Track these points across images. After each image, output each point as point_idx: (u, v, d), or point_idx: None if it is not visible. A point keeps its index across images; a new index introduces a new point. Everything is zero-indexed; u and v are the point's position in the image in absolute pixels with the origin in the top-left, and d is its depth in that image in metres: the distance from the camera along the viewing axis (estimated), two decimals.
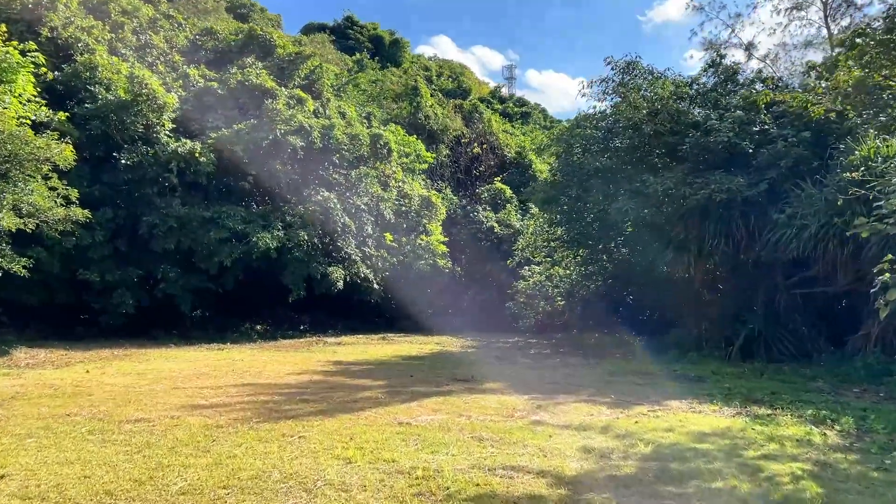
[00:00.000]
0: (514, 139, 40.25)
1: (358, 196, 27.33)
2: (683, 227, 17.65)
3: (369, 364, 16.91)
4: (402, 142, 31.51)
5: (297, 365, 16.31)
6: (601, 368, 16.24)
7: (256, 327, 28.94)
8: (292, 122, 24.51)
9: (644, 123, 18.00)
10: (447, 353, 20.05)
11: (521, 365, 16.88)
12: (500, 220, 32.76)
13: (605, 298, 26.81)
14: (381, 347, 22.05)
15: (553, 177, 21.19)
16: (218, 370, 14.89)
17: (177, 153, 22.28)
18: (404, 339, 26.17)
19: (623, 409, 10.58)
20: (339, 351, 20.67)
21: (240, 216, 23.78)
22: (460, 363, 17.11)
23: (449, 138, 37.25)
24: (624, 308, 27.62)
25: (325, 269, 25.80)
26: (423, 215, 31.14)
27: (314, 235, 25.08)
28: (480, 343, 24.32)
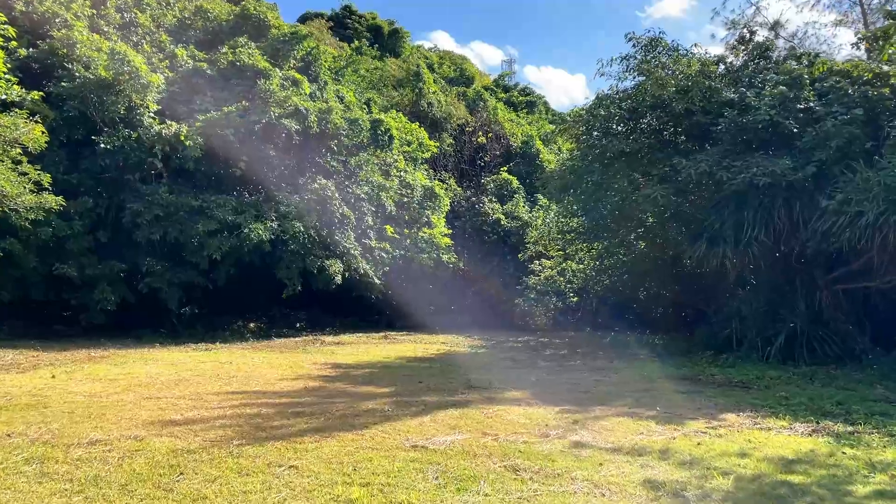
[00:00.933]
0: (520, 128, 38.56)
1: (357, 185, 25.64)
2: (718, 215, 15.97)
3: (372, 367, 15.24)
4: (404, 129, 29.79)
5: (291, 368, 14.64)
6: (631, 372, 14.58)
7: (250, 325, 27.31)
8: (287, 105, 22.79)
9: (674, 101, 16.31)
10: (456, 355, 18.39)
11: (540, 369, 15.22)
12: (508, 213, 31.08)
13: (620, 294, 25.18)
14: (384, 348, 20.38)
15: (571, 161, 19.47)
16: (202, 375, 13.20)
17: (161, 136, 20.57)
18: (407, 338, 24.50)
19: (675, 425, 8.92)
20: (337, 352, 18.99)
21: (230, 206, 22.07)
22: (472, 366, 15.45)
23: (452, 127, 35.55)
24: (641, 305, 26.00)
25: (323, 262, 24.10)
26: (425, 207, 29.44)
27: (311, 227, 23.38)
28: (489, 342, 22.66)
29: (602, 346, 20.86)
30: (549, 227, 23.42)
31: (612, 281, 24.54)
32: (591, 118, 17.43)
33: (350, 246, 25.20)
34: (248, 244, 21.71)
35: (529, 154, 37.17)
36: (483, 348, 20.43)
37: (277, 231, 22.49)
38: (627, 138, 17.02)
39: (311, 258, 23.83)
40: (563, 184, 18.91)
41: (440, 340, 23.36)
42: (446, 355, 18.24)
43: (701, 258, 16.65)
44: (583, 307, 24.82)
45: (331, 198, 23.83)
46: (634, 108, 17.20)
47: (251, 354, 17.77)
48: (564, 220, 22.00)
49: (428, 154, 31.09)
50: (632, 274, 23.68)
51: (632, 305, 26.29)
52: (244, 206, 22.56)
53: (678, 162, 15.77)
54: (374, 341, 22.92)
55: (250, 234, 21.51)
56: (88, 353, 17.01)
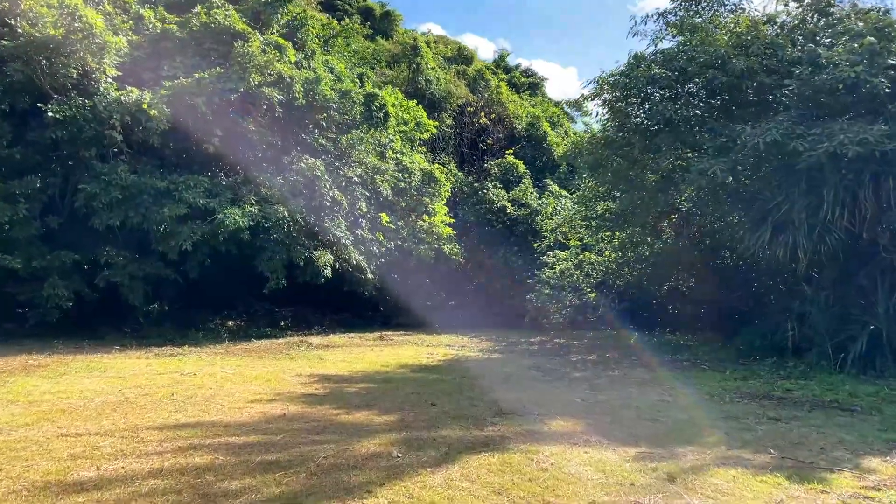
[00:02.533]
0: (525, 109, 35.72)
1: (349, 167, 22.73)
2: (787, 195, 13.20)
3: (369, 380, 12.37)
4: (400, 106, 26.87)
5: (268, 382, 11.76)
6: (689, 387, 11.79)
7: (228, 323, 24.40)
8: (268, 72, 19.82)
9: (734, 58, 13.49)
10: (467, 362, 15.56)
11: (577, 382, 12.40)
12: (514, 199, 28.23)
13: (644, 290, 22.42)
14: (380, 352, 17.51)
15: (603, 133, 16.57)
16: (151, 394, 10.29)
17: (120, 104, 17.57)
18: (406, 338, 21.64)
19: (815, 483, 6.16)
20: (326, 357, 16.12)
21: (203, 187, 19.11)
22: (492, 379, 12.62)
23: (452, 107, 32.65)
24: (668, 302, 23.27)
25: (310, 253, 21.22)
26: (424, 193, 26.57)
27: (296, 213, 20.47)
28: (501, 345, 19.84)
29: (632, 350, 18.09)
30: (571, 213, 20.53)
31: (636, 275, 21.76)
32: (630, 81, 14.55)
33: (341, 235, 22.32)
34: (223, 232, 18.82)
35: (535, 137, 34.30)
36: (496, 352, 17.61)
37: (258, 217, 19.58)
38: (674, 104, 14.19)
39: (297, 248, 20.96)
40: (595, 160, 16.03)
41: (444, 342, 20.53)
42: (455, 362, 15.41)
43: (761, 248, 13.88)
44: (603, 304, 22.06)
45: (319, 180, 20.91)
46: (682, 68, 14.35)
47: (223, 361, 14.87)
48: (590, 204, 19.16)
49: (427, 135, 28.19)
50: (659, 266, 20.92)
51: (656, 302, 23.55)
52: (219, 189, 19.63)
53: (740, 130, 12.98)
54: (369, 343, 20.05)
55: (225, 220, 18.62)
56: (26, 360, 14.08)
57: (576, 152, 17.10)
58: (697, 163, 13.14)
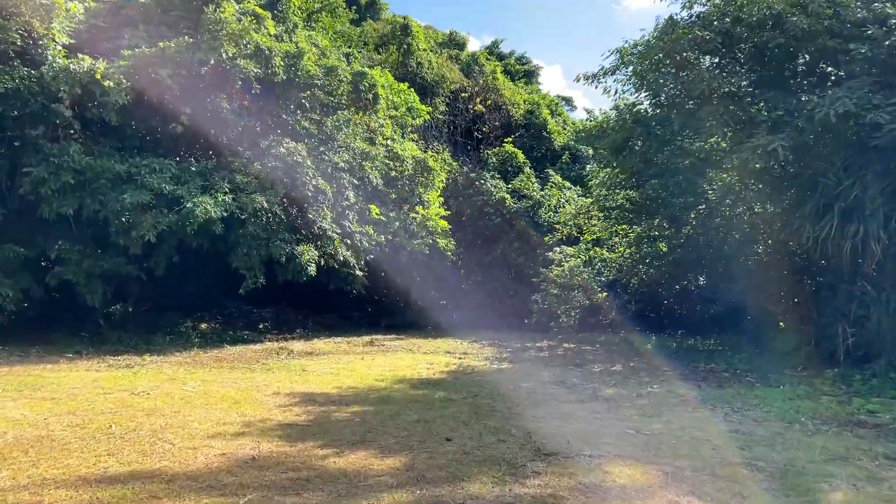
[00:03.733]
0: (522, 97, 33.58)
1: (335, 152, 20.45)
2: (857, 177, 11.14)
3: (361, 401, 10.13)
4: (391, 88, 24.63)
5: (236, 405, 9.51)
6: (758, 410, 9.67)
7: (201, 326, 22.09)
8: (244, 42, 17.49)
9: (792, 16, 11.39)
10: (475, 374, 13.36)
11: (615, 403, 10.24)
12: (514, 191, 26.07)
13: (663, 289, 20.39)
14: (372, 361, 15.29)
15: (632, 109, 14.30)
16: (84, 426, 8.02)
17: (69, 74, 15.19)
18: (399, 343, 19.42)
19: None
20: (309, 368, 13.87)
21: (169, 172, 16.79)
22: (512, 398, 10.45)
23: (446, 93, 30.46)
24: (689, 302, 21.28)
25: (292, 248, 18.94)
26: (417, 183, 24.35)
27: (276, 203, 18.19)
28: (506, 351, 17.69)
29: (656, 358, 16.02)
30: (589, 203, 18.33)
31: (652, 273, 19.69)
32: (668, 47, 12.37)
33: (326, 228, 20.05)
34: (192, 223, 16.49)
35: (534, 125, 32.13)
36: (504, 361, 15.43)
37: (232, 207, 17.28)
38: (721, 73, 12.07)
39: (277, 243, 18.67)
40: (619, 140, 13.82)
41: (442, 348, 18.32)
42: (461, 375, 13.21)
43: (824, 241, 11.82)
44: (616, 305, 19.97)
45: (302, 166, 18.63)
46: (727, 30, 12.22)
47: (187, 374, 12.58)
48: (608, 193, 17.01)
49: (419, 121, 25.96)
50: (679, 264, 18.85)
51: (674, 304, 21.56)
52: (188, 174, 17.30)
53: (807, 101, 10.89)
54: (358, 349, 17.81)
55: (195, 209, 16.31)
56: None
57: (596, 133, 14.92)
58: (753, 139, 11.02)
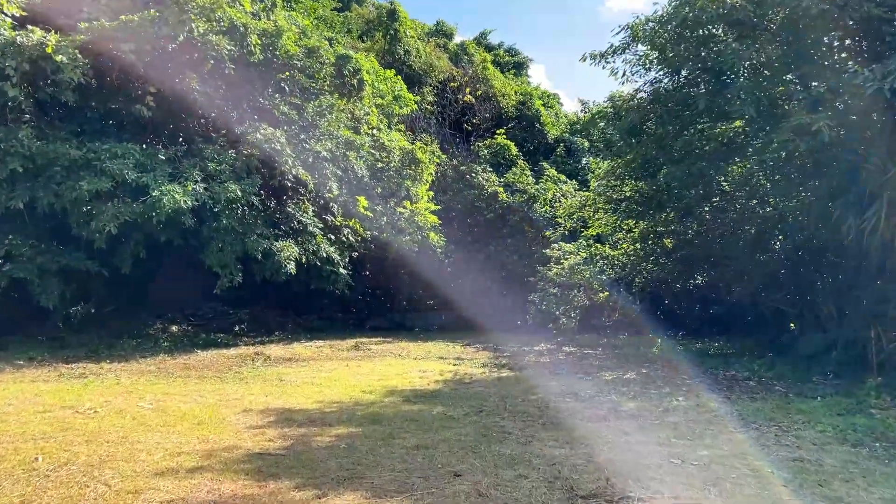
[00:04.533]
0: (513, 88, 32.16)
1: (317, 140, 18.89)
2: None
3: (347, 421, 8.64)
4: (377, 75, 23.12)
5: (199, 427, 8.00)
6: (810, 429, 8.30)
7: (172, 329, 20.45)
8: (217, 16, 15.89)
9: None
10: (473, 383, 11.90)
11: (644, 421, 8.81)
12: (507, 184, 24.66)
13: (668, 288, 19.08)
14: (358, 368, 13.78)
15: (652, 87, 12.83)
16: (4, 458, 6.48)
17: (16, 47, 13.55)
18: (386, 347, 17.92)
19: None
20: (288, 377, 12.35)
21: (133, 158, 15.18)
22: (522, 416, 9.01)
23: (434, 82, 28.99)
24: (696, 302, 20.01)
25: (270, 244, 17.43)
26: (405, 176, 22.86)
27: (252, 193, 16.65)
28: (503, 355, 16.27)
29: (668, 363, 14.68)
30: (596, 194, 16.88)
31: (655, 270, 18.36)
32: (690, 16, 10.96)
33: (308, 222, 18.58)
34: (158, 214, 14.95)
35: (527, 117, 30.76)
36: (504, 367, 13.98)
37: (203, 197, 15.75)
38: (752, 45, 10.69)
39: (254, 238, 17.16)
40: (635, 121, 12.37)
41: (433, 352, 16.87)
42: (459, 385, 11.75)
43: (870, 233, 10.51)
44: (620, 305, 18.62)
45: (280, 154, 17.09)
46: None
47: (146, 387, 11.02)
48: (616, 183, 15.60)
49: (407, 110, 24.48)
50: (686, 260, 17.55)
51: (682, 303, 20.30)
52: (154, 161, 15.71)
53: (853, 75, 9.55)
54: (342, 354, 16.30)
55: (161, 198, 14.76)
56: None
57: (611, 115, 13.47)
58: (792, 118, 9.67)
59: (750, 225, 16.13)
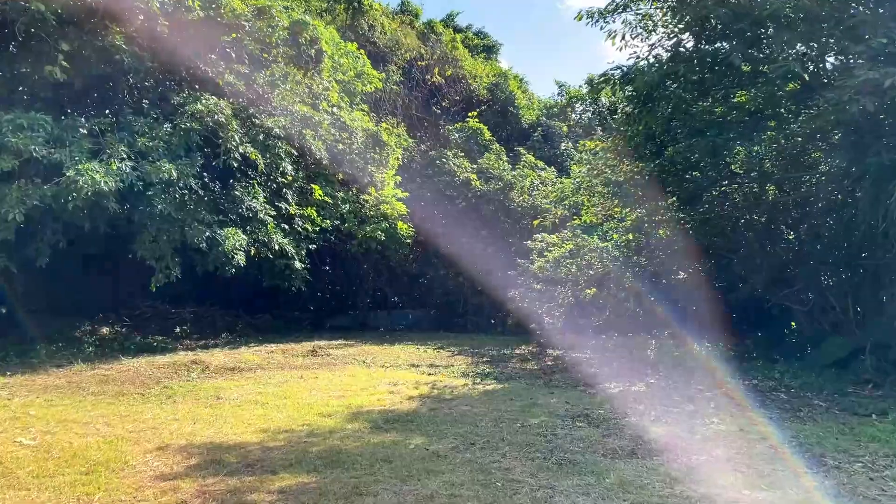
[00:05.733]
0: (484, 70, 30.09)
1: (269, 115, 16.53)
2: None
3: (297, 464, 6.39)
4: (338, 49, 20.82)
5: (84, 479, 5.72)
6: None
7: (102, 331, 17.89)
8: None
9: None
10: (456, 402, 9.73)
11: (682, 454, 6.77)
12: (482, 171, 22.57)
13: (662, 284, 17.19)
14: (314, 380, 11.50)
15: (674, 44, 10.72)
16: None
17: None
18: (350, 352, 15.66)
19: None
20: (226, 394, 10.05)
21: (43, 131, 12.68)
22: (527, 451, 6.91)
23: (401, 61, 26.75)
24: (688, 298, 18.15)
25: (214, 233, 15.08)
26: (369, 160, 20.61)
27: (191, 175, 14.25)
28: (482, 361, 14.21)
29: (676, 371, 12.77)
30: (593, 176, 14.78)
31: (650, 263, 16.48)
32: None
33: (258, 208, 16.23)
34: (76, 198, 12.50)
35: (500, 101, 28.70)
36: (488, 378, 11.86)
37: (131, 178, 13.33)
38: None
39: (195, 226, 14.81)
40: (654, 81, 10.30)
41: (402, 358, 14.68)
42: (440, 402, 9.59)
43: None
44: (613, 302, 16.68)
45: (225, 129, 14.72)
46: None
47: (41, 410, 8.65)
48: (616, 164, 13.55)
49: (371, 87, 22.20)
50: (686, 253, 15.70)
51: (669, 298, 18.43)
52: (71, 134, 13.22)
53: None
54: (297, 361, 14.00)
55: (79, 179, 12.33)
56: None
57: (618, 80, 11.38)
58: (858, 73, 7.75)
59: (760, 212, 14.36)
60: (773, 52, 8.83)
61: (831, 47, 8.81)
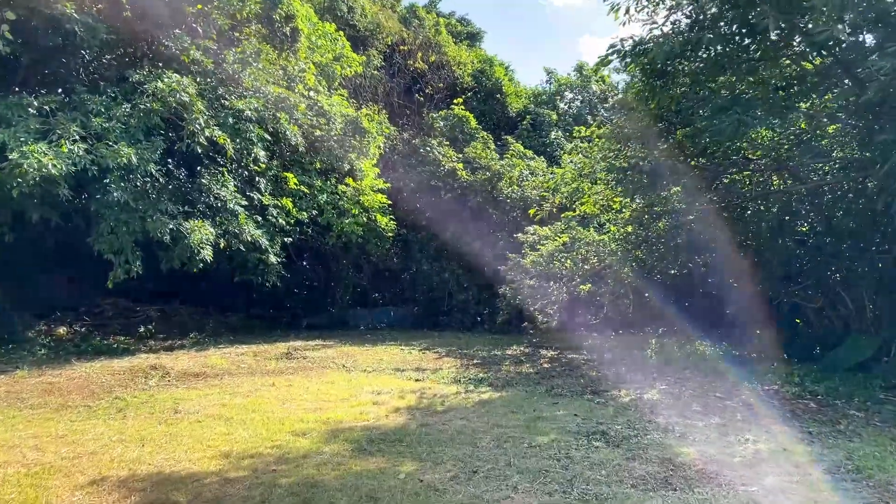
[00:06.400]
0: (469, 56, 28.85)
1: (241, 97, 15.19)
2: None
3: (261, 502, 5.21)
4: (315, 28, 19.48)
5: None
6: None
7: (59, 331, 16.52)
8: None
9: None
10: (449, 413, 8.54)
11: (728, 487, 5.65)
12: (468, 161, 21.38)
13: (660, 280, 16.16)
14: (288, 388, 10.25)
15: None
16: None
17: None
18: (328, 354, 14.40)
19: None
20: (185, 407, 8.78)
21: None
22: (543, 482, 5.75)
23: (382, 46, 25.45)
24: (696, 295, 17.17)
25: (179, 225, 13.75)
26: (348, 147, 19.34)
27: (152, 160, 12.92)
28: (472, 363, 13.05)
29: (680, 371, 11.74)
30: (591, 162, 13.52)
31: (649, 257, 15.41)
32: None
33: (228, 198, 14.91)
34: (21, 184, 11.17)
35: (486, 88, 27.48)
36: (484, 384, 10.66)
37: (85, 162, 11.96)
38: None
39: (157, 216, 13.46)
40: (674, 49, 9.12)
41: (388, 360, 13.47)
42: (432, 416, 8.40)
43: None
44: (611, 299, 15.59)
45: (189, 109, 13.39)
46: None
47: None
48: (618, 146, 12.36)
49: (350, 71, 20.90)
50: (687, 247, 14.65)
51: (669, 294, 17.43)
52: (17, 113, 11.86)
53: None
54: (269, 366, 12.72)
55: (24, 163, 10.98)
56: None
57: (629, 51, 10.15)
58: None
59: (772, 202, 13.36)
60: (815, 14, 7.74)
61: (870, 21, 7.72)
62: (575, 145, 16.39)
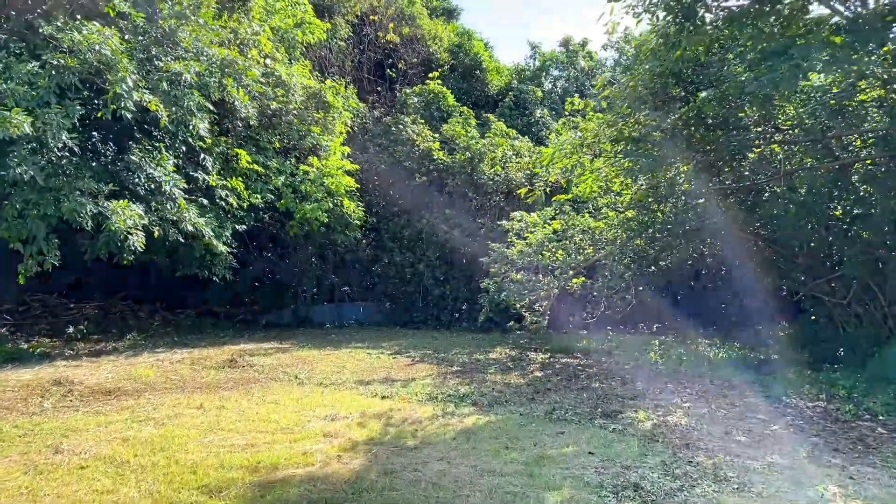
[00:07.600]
0: (445, 29, 26.67)
1: (178, 59, 12.92)
2: None
3: None
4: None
5: None
6: None
7: None
8: None
9: None
10: (424, 448, 6.49)
11: None
12: (445, 140, 19.27)
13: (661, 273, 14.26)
14: (218, 413, 8.08)
15: None
16: None
17: None
18: (280, 360, 12.24)
19: None
20: (74, 442, 6.63)
21: None
22: None
23: (350, 15, 23.21)
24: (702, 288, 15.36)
25: (101, 206, 11.50)
26: (311, 122, 17.15)
27: (65, 128, 10.68)
28: (451, 371, 11.01)
29: (696, 379, 9.85)
30: (593, 130, 11.46)
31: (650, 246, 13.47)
32: None
33: (163, 178, 12.64)
34: None
35: (464, 64, 25.32)
36: (467, 401, 8.62)
37: None
38: None
39: (75, 196, 11.17)
40: None
41: (350, 367, 11.38)
42: (400, 453, 6.35)
43: None
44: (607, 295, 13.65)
45: (113, 67, 11.13)
46: None
47: None
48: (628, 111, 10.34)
49: (313, 38, 18.63)
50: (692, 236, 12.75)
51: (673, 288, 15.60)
52: None
53: None
54: (207, 377, 10.56)
55: None
56: None
57: None
58: None
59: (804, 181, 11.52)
60: None
61: None
62: (567, 120, 14.38)
